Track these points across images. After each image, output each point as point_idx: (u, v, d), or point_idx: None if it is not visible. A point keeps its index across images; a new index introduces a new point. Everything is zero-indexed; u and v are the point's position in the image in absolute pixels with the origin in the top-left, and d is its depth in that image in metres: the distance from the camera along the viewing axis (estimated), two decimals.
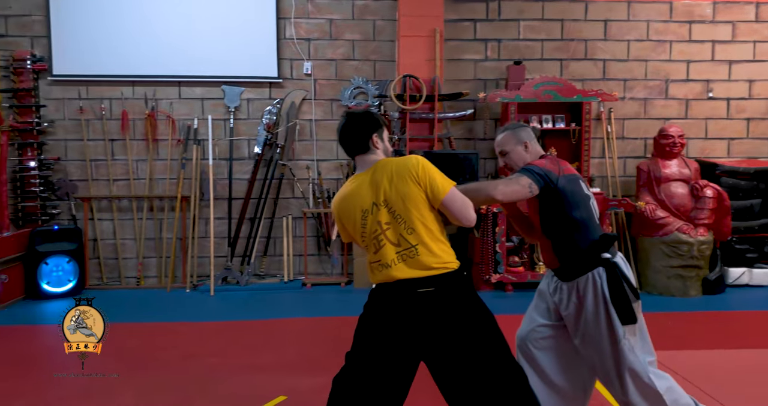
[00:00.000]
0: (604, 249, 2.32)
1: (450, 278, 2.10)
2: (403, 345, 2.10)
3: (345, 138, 2.25)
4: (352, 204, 2.17)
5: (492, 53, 5.88)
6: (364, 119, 2.24)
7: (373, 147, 2.23)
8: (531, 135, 2.50)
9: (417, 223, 2.09)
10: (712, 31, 5.95)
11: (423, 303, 2.06)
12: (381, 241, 2.11)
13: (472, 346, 2.08)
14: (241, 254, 5.77)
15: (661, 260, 5.30)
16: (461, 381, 2.11)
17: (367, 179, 2.17)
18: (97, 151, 5.70)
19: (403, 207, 2.09)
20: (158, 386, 3.31)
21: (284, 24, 5.74)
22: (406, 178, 2.09)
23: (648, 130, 5.95)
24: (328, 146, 5.87)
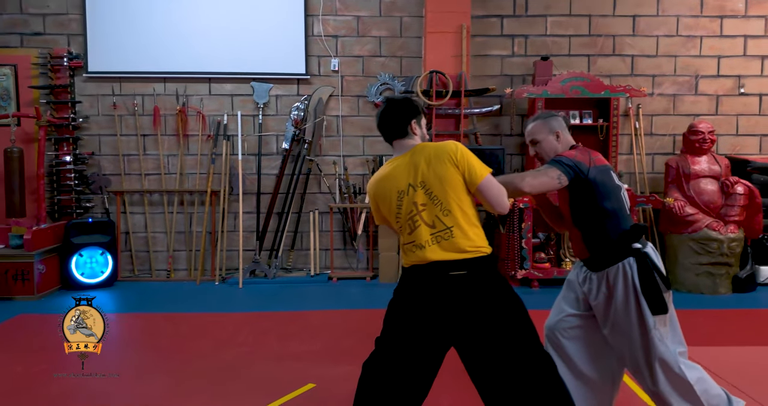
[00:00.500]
0: (634, 239, 2.32)
1: (482, 262, 2.12)
2: (434, 328, 2.13)
3: (385, 123, 2.30)
4: (388, 185, 2.21)
5: (519, 49, 5.88)
6: (404, 105, 2.30)
7: (411, 132, 2.28)
8: (562, 124, 2.49)
9: (453, 205, 2.13)
10: (744, 25, 5.86)
11: (455, 286, 2.09)
12: (416, 222, 2.14)
13: (502, 331, 2.10)
14: (268, 247, 5.86)
15: (690, 257, 5.25)
16: (490, 366, 2.13)
17: (404, 162, 2.21)
18: (129, 146, 5.83)
19: (441, 189, 2.13)
20: (191, 371, 3.40)
21: (312, 21, 5.81)
22: (444, 160, 2.14)
23: (677, 126, 5.89)
24: (355, 142, 5.92)
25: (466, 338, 2.12)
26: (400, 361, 2.19)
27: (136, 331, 4.31)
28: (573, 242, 2.51)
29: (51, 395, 3.08)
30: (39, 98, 5.68)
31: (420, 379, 2.22)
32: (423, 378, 2.23)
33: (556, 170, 2.29)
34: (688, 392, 2.30)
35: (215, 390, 3.13)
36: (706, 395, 2.32)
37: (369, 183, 2.33)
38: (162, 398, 3.05)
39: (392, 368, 2.20)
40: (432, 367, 2.22)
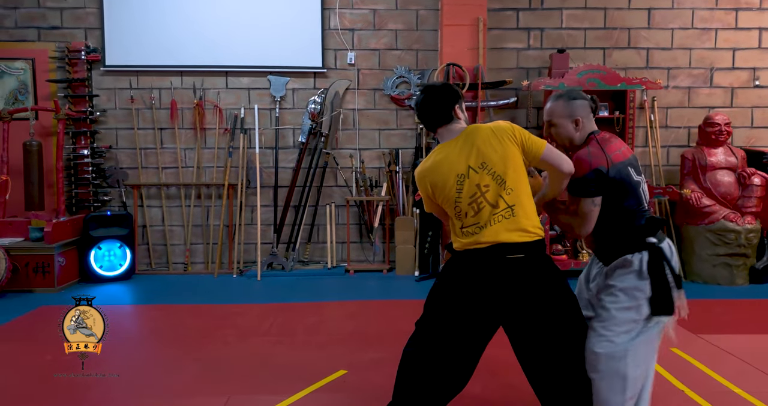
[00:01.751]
0: (650, 233, 2.23)
1: (539, 246, 2.13)
2: (485, 311, 2.13)
3: (427, 111, 2.26)
4: (444, 171, 2.17)
5: (535, 42, 5.89)
6: (445, 91, 2.28)
7: (456, 117, 2.26)
8: (587, 109, 2.31)
9: (516, 184, 2.12)
10: (759, 18, 5.88)
11: (511, 269, 2.09)
12: (480, 203, 2.12)
13: (554, 316, 2.11)
14: (286, 240, 5.89)
15: (707, 248, 5.27)
16: (540, 349, 2.14)
17: (457, 145, 2.18)
18: (146, 140, 5.85)
19: (503, 167, 2.12)
20: (220, 360, 3.42)
21: (329, 14, 5.83)
22: (503, 138, 2.14)
23: (692, 119, 5.91)
24: (371, 135, 5.94)
25: (516, 320, 2.13)
26: (446, 344, 2.19)
27: (160, 322, 4.34)
28: (587, 237, 2.36)
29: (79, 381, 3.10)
30: (56, 92, 5.70)
31: (464, 362, 2.23)
32: (467, 362, 2.23)
33: (588, 202, 2.18)
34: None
35: (246, 377, 3.16)
36: None
37: (418, 171, 2.29)
38: (193, 385, 3.07)
39: (437, 351, 2.20)
40: (477, 350, 2.23)
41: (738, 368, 3.23)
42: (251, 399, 2.88)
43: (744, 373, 3.17)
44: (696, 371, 3.20)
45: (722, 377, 3.10)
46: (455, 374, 2.24)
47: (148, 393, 2.97)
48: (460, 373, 2.25)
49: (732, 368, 3.25)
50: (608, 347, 2.13)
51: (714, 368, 3.24)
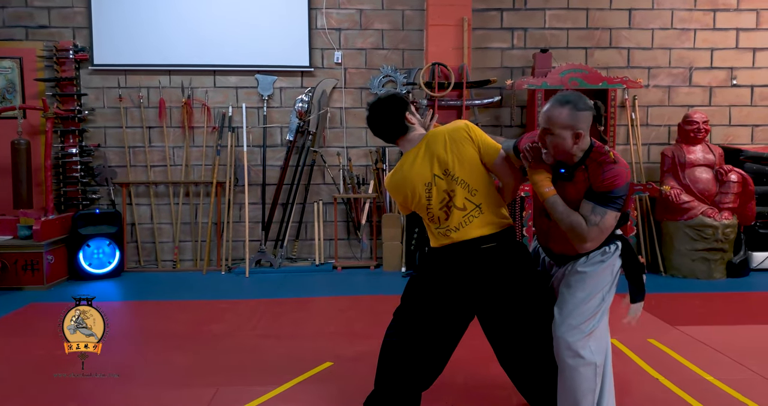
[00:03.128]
0: (619, 225, 2.23)
1: (508, 234, 2.24)
2: (459, 298, 2.24)
3: (380, 126, 2.30)
4: (412, 180, 2.25)
5: (518, 42, 6.00)
6: (390, 103, 2.30)
7: (410, 125, 2.30)
8: (590, 121, 2.13)
9: (478, 183, 2.22)
10: (736, 18, 6.02)
11: (485, 257, 2.20)
12: (450, 208, 2.22)
13: (524, 300, 2.22)
14: (274, 238, 5.95)
15: (686, 243, 5.40)
16: (510, 333, 2.26)
17: (420, 154, 2.25)
18: (135, 138, 5.89)
19: (463, 170, 2.20)
20: (210, 354, 3.49)
21: (315, 14, 5.90)
22: (460, 142, 2.20)
23: (672, 117, 6.04)
24: (358, 133, 6.02)
25: (490, 305, 2.24)
26: (425, 332, 2.29)
27: (149, 318, 4.39)
28: (557, 242, 2.27)
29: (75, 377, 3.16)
30: (44, 91, 5.73)
31: (441, 350, 2.34)
32: (444, 349, 2.34)
33: (613, 215, 2.09)
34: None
35: (234, 370, 3.23)
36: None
37: (388, 183, 2.34)
38: (182, 377, 3.14)
39: (416, 340, 2.31)
40: (454, 337, 2.33)
41: (711, 358, 3.35)
42: (239, 390, 2.95)
43: (717, 362, 3.28)
44: (671, 361, 3.32)
45: (696, 366, 3.22)
46: (433, 361, 2.34)
47: (137, 386, 3.03)
48: (438, 359, 2.35)
49: (705, 357, 3.37)
50: (576, 335, 2.17)
51: (688, 357, 3.35)
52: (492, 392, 2.88)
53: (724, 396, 2.84)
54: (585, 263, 2.23)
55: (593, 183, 2.11)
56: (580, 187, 2.15)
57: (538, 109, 5.44)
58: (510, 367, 2.35)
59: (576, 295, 2.20)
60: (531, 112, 5.68)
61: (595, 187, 2.09)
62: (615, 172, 2.07)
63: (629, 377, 3.05)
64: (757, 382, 2.99)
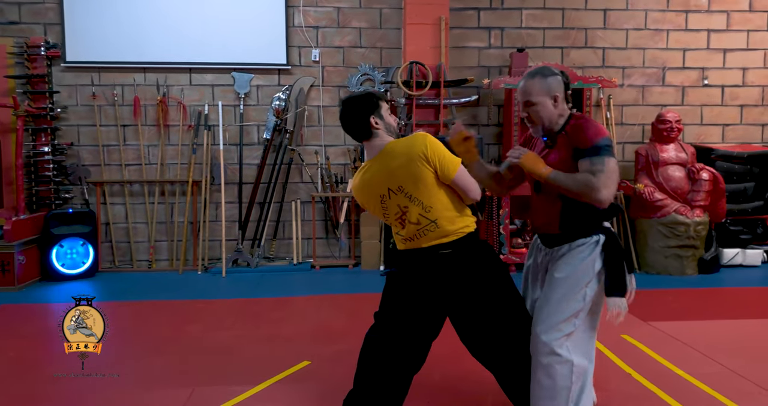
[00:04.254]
0: (608, 218, 2.28)
1: (465, 241, 2.26)
2: (428, 300, 2.28)
3: (345, 125, 2.30)
4: (369, 192, 2.29)
5: (495, 41, 6.04)
6: (357, 104, 2.26)
7: (374, 130, 2.25)
8: (562, 86, 2.23)
9: (433, 201, 2.20)
10: (707, 20, 6.14)
11: (444, 262, 2.24)
12: (404, 220, 2.25)
13: (487, 298, 2.25)
14: (251, 237, 5.91)
15: (659, 240, 5.50)
16: (480, 331, 2.29)
17: (376, 166, 2.25)
18: (109, 137, 5.81)
19: (417, 188, 2.18)
20: (186, 354, 3.46)
21: (293, 12, 5.87)
22: (415, 160, 2.15)
23: (646, 116, 6.14)
24: (336, 132, 6.01)
25: (457, 307, 2.28)
26: (400, 332, 2.32)
27: (124, 318, 4.32)
28: (540, 215, 2.34)
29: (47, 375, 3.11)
30: (15, 88, 5.61)
31: (417, 348, 2.36)
32: (420, 347, 2.36)
33: (612, 159, 2.12)
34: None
35: (210, 370, 3.21)
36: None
37: (353, 188, 2.37)
38: (157, 378, 3.11)
39: (392, 338, 2.33)
40: (428, 333, 2.35)
41: (682, 352, 3.42)
42: (216, 390, 2.93)
43: (687, 356, 3.35)
44: (643, 356, 3.38)
45: (668, 361, 3.28)
46: (409, 357, 2.36)
47: (112, 387, 2.99)
48: (414, 356, 2.36)
49: (677, 352, 3.43)
50: (553, 334, 2.18)
51: (661, 352, 3.41)
52: (468, 387, 2.91)
53: (695, 390, 2.90)
54: (567, 255, 2.23)
55: (578, 143, 2.16)
56: (562, 153, 2.21)
57: (514, 108, 5.49)
58: (485, 362, 2.38)
59: (556, 292, 2.21)
60: (508, 111, 5.72)
61: (582, 145, 2.14)
62: (594, 126, 2.16)
63: (603, 373, 3.10)
64: (726, 376, 3.06)
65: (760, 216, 5.87)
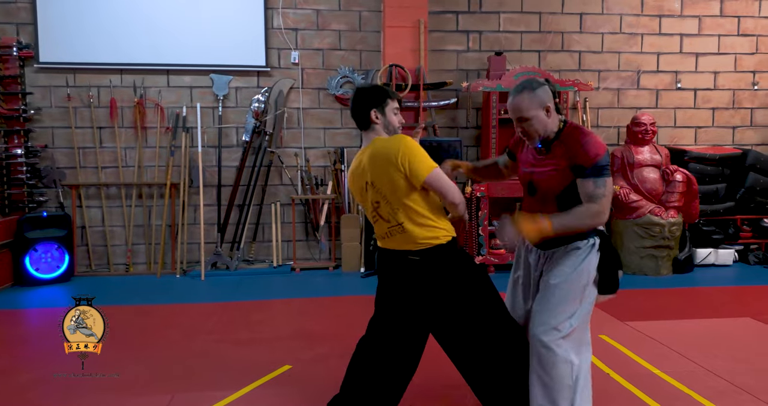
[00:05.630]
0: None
1: (435, 251, 2.24)
2: (403, 304, 2.30)
3: (352, 113, 2.37)
4: (357, 179, 2.35)
5: (474, 44, 6.09)
6: (365, 94, 2.33)
7: (372, 123, 2.30)
8: (551, 95, 2.25)
9: (400, 205, 2.22)
10: (680, 24, 6.27)
11: (412, 269, 2.25)
12: (375, 217, 2.31)
13: (460, 310, 2.26)
14: (230, 240, 5.88)
15: (635, 241, 5.59)
16: (453, 339, 2.30)
17: (364, 157, 2.29)
18: (85, 139, 5.72)
19: (388, 189, 2.21)
20: (165, 359, 3.42)
21: (272, 14, 5.85)
22: (386, 164, 2.18)
23: (621, 119, 6.24)
24: (316, 134, 6.00)
25: (428, 315, 2.29)
26: (386, 337, 2.34)
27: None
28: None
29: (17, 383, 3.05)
30: None
31: (404, 352, 2.35)
32: (407, 351, 2.35)
33: (610, 178, 2.19)
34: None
35: (190, 375, 3.18)
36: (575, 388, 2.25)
37: (349, 171, 2.44)
38: (136, 384, 3.07)
39: (379, 342, 2.33)
40: (413, 338, 2.35)
41: (658, 351, 3.48)
42: (195, 396, 2.90)
43: (663, 355, 3.41)
44: (621, 355, 3.43)
45: (644, 360, 3.34)
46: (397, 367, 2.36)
47: (90, 394, 2.95)
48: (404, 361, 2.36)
49: (653, 351, 3.49)
50: (553, 335, 2.20)
51: (637, 352, 3.47)
52: (449, 392, 2.92)
53: (671, 389, 2.95)
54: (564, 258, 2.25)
55: (579, 159, 2.17)
56: (560, 162, 2.23)
57: (492, 111, 5.54)
58: (463, 370, 2.38)
59: (554, 295, 2.23)
60: (486, 113, 5.77)
61: (585, 163, 2.17)
62: (593, 143, 2.17)
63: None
64: (701, 374, 3.13)
65: (731, 216, 6.01)
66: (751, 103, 6.44)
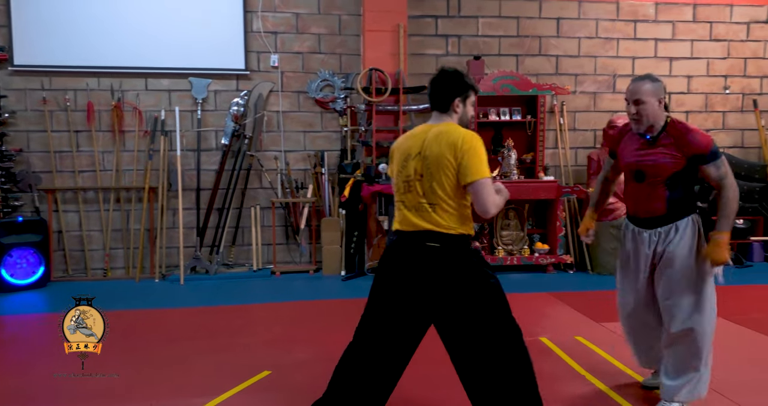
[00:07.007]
0: (700, 199, 2.70)
1: (456, 240, 2.25)
2: (412, 296, 2.26)
3: (431, 94, 2.35)
4: (409, 144, 2.33)
5: (453, 48, 6.14)
6: (450, 81, 2.31)
7: (452, 110, 2.32)
8: (663, 92, 2.64)
9: (441, 187, 2.22)
10: (654, 29, 6.39)
11: (429, 256, 2.23)
12: (411, 185, 2.28)
13: (471, 305, 2.23)
14: (209, 244, 5.85)
15: (611, 242, 5.68)
16: (457, 337, 2.26)
17: (429, 132, 2.28)
18: (61, 143, 5.66)
19: (436, 169, 2.22)
20: (143, 365, 3.40)
21: (251, 17, 5.84)
22: (448, 147, 2.19)
23: (597, 122, 6.34)
24: (296, 137, 6.00)
25: (440, 309, 2.26)
26: (376, 331, 2.31)
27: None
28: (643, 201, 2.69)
29: None
30: None
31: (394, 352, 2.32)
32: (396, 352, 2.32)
33: (724, 159, 2.58)
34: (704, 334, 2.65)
35: (173, 381, 3.17)
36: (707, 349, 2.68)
37: (400, 137, 2.44)
38: (112, 391, 3.05)
39: (368, 338, 2.32)
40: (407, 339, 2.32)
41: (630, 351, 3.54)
42: (174, 403, 2.90)
43: None
44: (596, 357, 3.50)
45: (619, 361, 3.40)
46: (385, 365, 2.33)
47: (66, 400, 2.93)
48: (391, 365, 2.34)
49: (627, 352, 3.54)
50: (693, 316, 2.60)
51: (612, 353, 3.54)
52: (434, 393, 2.95)
53: (646, 391, 3.01)
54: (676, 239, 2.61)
55: (696, 150, 2.54)
56: (669, 149, 2.59)
57: (471, 115, 5.58)
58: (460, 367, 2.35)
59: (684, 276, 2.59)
60: None
61: (703, 152, 2.54)
62: (701, 134, 2.57)
63: (558, 375, 3.20)
64: None
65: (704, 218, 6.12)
66: (723, 107, 6.58)
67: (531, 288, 5.23)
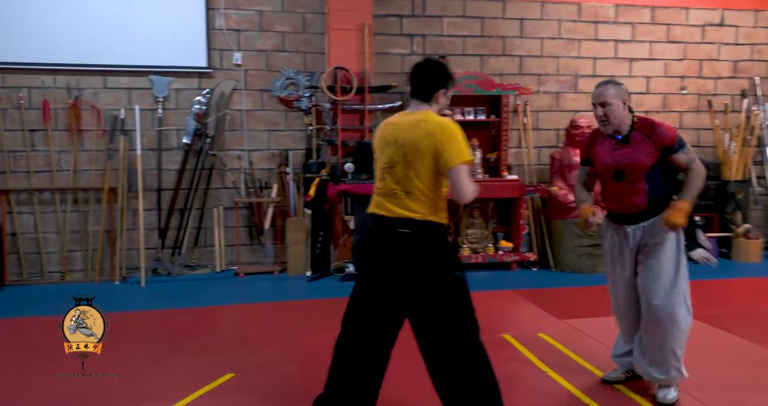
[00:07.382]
0: (677, 192, 2.81)
1: (427, 226, 2.28)
2: (385, 281, 2.30)
3: (414, 82, 2.37)
4: (386, 132, 2.37)
5: (417, 48, 6.15)
6: (435, 72, 2.35)
7: (434, 101, 2.34)
8: (626, 94, 2.79)
9: (417, 175, 2.25)
10: (614, 31, 6.52)
11: (401, 242, 2.27)
12: (386, 172, 2.33)
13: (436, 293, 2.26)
14: (171, 245, 5.74)
15: (573, 240, 5.79)
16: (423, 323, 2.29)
17: (409, 121, 2.31)
18: (15, 142, 5.47)
19: (413, 157, 2.25)
20: (106, 370, 3.30)
21: (214, 14, 5.74)
22: (427, 135, 2.23)
23: (560, 121, 6.44)
24: (260, 136, 5.93)
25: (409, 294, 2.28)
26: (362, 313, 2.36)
27: (34, 335, 4.09)
28: (624, 198, 2.82)
29: None
30: None
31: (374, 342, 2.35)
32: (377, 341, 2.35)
33: (689, 146, 2.80)
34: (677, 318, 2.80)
35: (135, 386, 3.10)
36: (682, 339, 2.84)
37: (380, 125, 2.47)
38: (70, 398, 2.97)
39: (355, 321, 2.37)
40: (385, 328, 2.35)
41: (593, 349, 3.61)
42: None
43: (599, 353, 3.53)
44: (558, 353, 3.55)
45: (580, 358, 3.46)
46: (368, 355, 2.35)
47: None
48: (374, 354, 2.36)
49: (588, 348, 3.62)
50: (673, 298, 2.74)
51: (574, 349, 3.60)
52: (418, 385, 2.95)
53: (607, 387, 3.07)
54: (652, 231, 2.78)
55: (665, 143, 2.74)
56: (642, 145, 2.76)
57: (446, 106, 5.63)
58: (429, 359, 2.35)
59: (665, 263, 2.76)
60: None
61: (671, 144, 2.75)
62: (666, 126, 2.77)
63: (520, 372, 3.24)
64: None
65: None
66: (680, 107, 6.75)
67: (495, 286, 5.28)
